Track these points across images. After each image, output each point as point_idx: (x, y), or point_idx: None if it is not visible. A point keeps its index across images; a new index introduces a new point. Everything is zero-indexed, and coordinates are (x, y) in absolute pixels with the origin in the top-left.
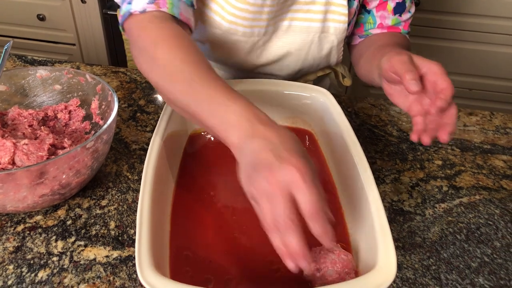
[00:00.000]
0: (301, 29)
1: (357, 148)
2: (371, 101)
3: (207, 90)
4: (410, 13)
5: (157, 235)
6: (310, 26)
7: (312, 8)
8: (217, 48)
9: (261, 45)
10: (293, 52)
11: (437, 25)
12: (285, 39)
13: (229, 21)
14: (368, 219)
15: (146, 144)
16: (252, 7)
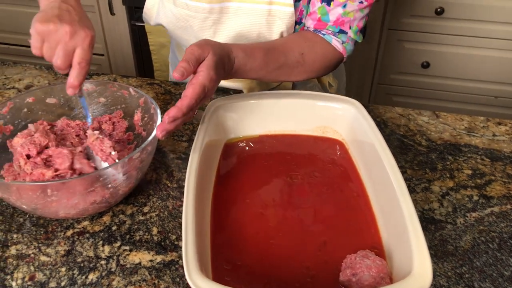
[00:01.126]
0: (248, 11)
1: (389, 157)
2: (399, 111)
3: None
4: (344, 8)
5: (200, 241)
6: (257, 8)
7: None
8: (173, 28)
9: (211, 25)
10: (244, 34)
11: (463, 33)
12: (235, 22)
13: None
14: (402, 226)
15: (183, 153)
16: None
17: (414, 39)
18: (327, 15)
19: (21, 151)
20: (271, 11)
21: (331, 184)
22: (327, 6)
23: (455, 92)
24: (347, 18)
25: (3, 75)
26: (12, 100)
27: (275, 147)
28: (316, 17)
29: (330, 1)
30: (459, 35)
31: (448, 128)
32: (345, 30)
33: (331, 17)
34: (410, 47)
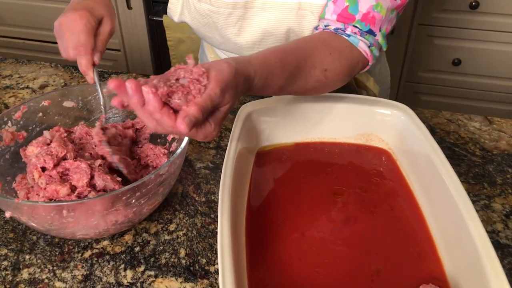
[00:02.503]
0: (275, 5)
1: (450, 171)
2: (447, 116)
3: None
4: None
5: (237, 273)
6: (286, 2)
7: None
8: (197, 25)
9: (236, 21)
10: (271, 31)
11: (498, 29)
12: (261, 18)
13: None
14: (472, 254)
15: (210, 162)
16: None
17: (445, 35)
18: (357, 5)
19: (35, 162)
20: (301, 5)
21: (380, 201)
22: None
23: (488, 91)
24: (378, 15)
25: (17, 73)
26: (26, 104)
27: (313, 157)
28: (342, 5)
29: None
30: (494, 30)
31: (504, 135)
32: (374, 30)
33: (361, 8)
34: (440, 43)
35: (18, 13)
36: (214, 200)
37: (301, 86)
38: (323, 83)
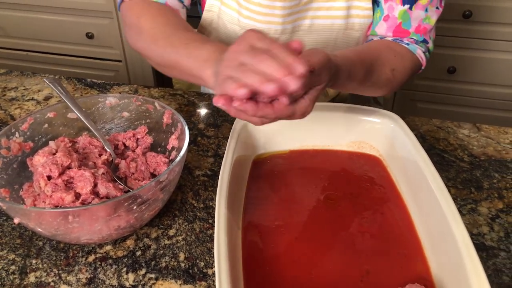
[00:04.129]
0: (324, 28)
1: (436, 177)
2: (437, 123)
3: (184, 41)
4: (426, 12)
5: (233, 275)
6: (334, 24)
7: (334, 5)
8: None
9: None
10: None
11: (491, 37)
12: (308, 39)
13: (245, 16)
14: (455, 255)
15: (209, 170)
16: (264, 1)
17: (440, 44)
18: (409, 21)
19: (42, 171)
20: (348, 25)
21: (371, 206)
22: (409, 10)
23: (483, 98)
24: (428, 25)
25: (22, 85)
26: (33, 116)
27: (307, 164)
28: (395, 23)
29: (413, 4)
30: (487, 39)
31: (492, 142)
32: (427, 39)
33: (413, 23)
34: (435, 51)
35: (21, 25)
36: (212, 206)
37: (375, 83)
38: (391, 81)
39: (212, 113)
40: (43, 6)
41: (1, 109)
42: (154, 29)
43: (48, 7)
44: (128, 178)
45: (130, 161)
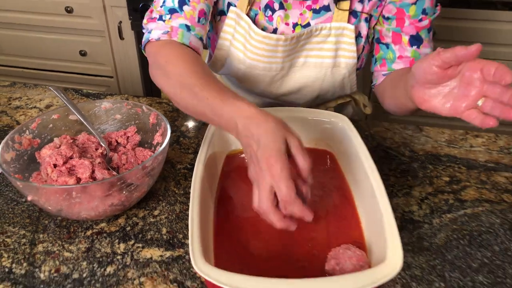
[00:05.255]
0: (315, 65)
1: (371, 164)
2: (386, 125)
3: (208, 93)
4: (431, 49)
5: (204, 235)
6: (323, 62)
7: (324, 47)
8: (243, 81)
9: (280, 78)
10: (309, 84)
11: None
12: (301, 73)
13: (250, 58)
14: (380, 223)
15: (189, 164)
16: (268, 46)
17: None
18: (419, 56)
19: (49, 160)
20: (335, 63)
21: (322, 189)
22: (418, 49)
23: None
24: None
25: (26, 96)
26: (40, 117)
27: None
28: (409, 59)
29: (420, 45)
30: None
31: (430, 140)
32: None
33: (422, 56)
34: None
35: (18, 44)
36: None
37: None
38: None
39: (192, 118)
40: (39, 26)
41: (8, 116)
42: (182, 76)
43: (44, 27)
44: (120, 168)
45: (122, 154)
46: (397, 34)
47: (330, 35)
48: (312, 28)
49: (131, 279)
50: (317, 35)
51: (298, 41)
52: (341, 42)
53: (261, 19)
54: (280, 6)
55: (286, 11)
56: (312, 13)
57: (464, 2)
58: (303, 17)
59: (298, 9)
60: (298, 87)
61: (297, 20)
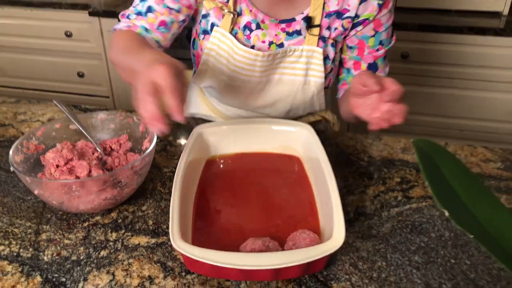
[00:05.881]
0: (288, 82)
1: (328, 166)
2: (350, 135)
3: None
4: (385, 73)
5: (182, 221)
6: (296, 80)
7: (296, 66)
8: (224, 93)
9: (257, 92)
10: (282, 98)
11: (427, 74)
12: (276, 89)
13: (232, 70)
14: (331, 211)
15: (174, 168)
16: (248, 60)
17: None
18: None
19: (52, 162)
20: (306, 81)
21: (288, 187)
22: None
23: (424, 126)
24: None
25: (30, 111)
26: (44, 126)
27: (247, 162)
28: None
29: (375, 72)
30: (423, 75)
31: (388, 147)
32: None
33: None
34: None
35: (18, 66)
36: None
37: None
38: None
39: (179, 129)
40: (40, 49)
41: (14, 128)
42: (119, 43)
43: (45, 50)
44: (113, 170)
45: (115, 158)
46: (357, 61)
47: (302, 56)
48: (286, 49)
49: (121, 261)
50: (290, 56)
51: (274, 58)
52: (311, 63)
53: (241, 37)
54: (257, 27)
55: (263, 30)
56: (285, 35)
57: (434, 27)
58: (277, 37)
59: (274, 30)
60: (273, 101)
61: (273, 39)
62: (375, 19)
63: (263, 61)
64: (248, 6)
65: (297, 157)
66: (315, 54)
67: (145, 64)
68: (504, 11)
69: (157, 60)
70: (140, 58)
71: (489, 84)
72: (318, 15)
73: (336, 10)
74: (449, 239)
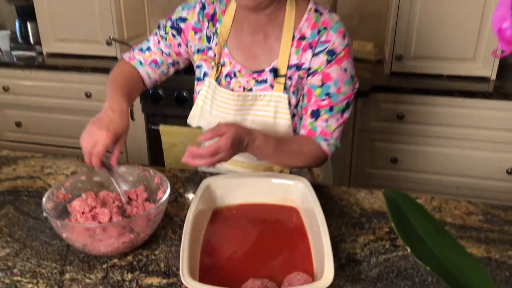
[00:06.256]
0: (260, 123)
1: (321, 216)
2: (344, 189)
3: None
4: (326, 122)
5: (191, 261)
6: (267, 121)
7: (266, 109)
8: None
9: None
10: None
11: (422, 134)
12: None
13: (216, 110)
14: (323, 256)
15: (184, 217)
16: (226, 100)
17: (383, 139)
18: (316, 128)
19: (78, 209)
20: (275, 122)
21: (286, 234)
22: (315, 121)
23: (422, 183)
24: (329, 130)
25: (55, 164)
26: (71, 178)
27: (250, 212)
28: (308, 129)
29: (317, 118)
30: (419, 135)
31: (378, 201)
32: (328, 138)
33: (318, 129)
34: (380, 145)
35: (40, 124)
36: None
37: (286, 151)
38: (300, 153)
39: (189, 182)
40: (61, 108)
41: (41, 180)
42: (115, 70)
43: (65, 109)
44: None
45: (133, 207)
46: (305, 107)
47: (271, 100)
48: (257, 94)
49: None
50: (261, 100)
51: (245, 100)
52: (279, 107)
53: (223, 83)
54: (234, 75)
55: (239, 78)
56: (255, 82)
57: (427, 90)
58: (248, 83)
59: (247, 78)
60: None
61: (245, 85)
62: (323, 71)
63: (236, 100)
64: (229, 59)
65: (295, 207)
66: (281, 99)
67: (102, 112)
68: (491, 76)
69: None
70: (108, 100)
71: (481, 143)
72: (283, 67)
73: (296, 63)
74: (431, 284)
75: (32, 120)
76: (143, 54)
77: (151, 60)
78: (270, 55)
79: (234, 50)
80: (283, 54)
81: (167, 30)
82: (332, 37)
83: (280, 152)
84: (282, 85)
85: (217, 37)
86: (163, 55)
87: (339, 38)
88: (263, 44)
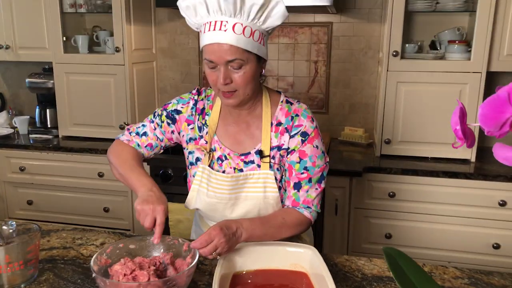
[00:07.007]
0: (252, 198)
1: (330, 279)
2: (346, 257)
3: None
4: (307, 192)
5: None
6: (258, 196)
7: (257, 186)
8: (207, 210)
9: (230, 206)
10: (250, 210)
11: (413, 211)
12: (245, 204)
13: (211, 191)
14: None
15: (206, 282)
16: (219, 181)
17: (376, 216)
18: (299, 198)
19: (120, 271)
20: (265, 197)
21: None
22: (298, 192)
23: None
24: (310, 199)
25: (85, 236)
26: (111, 245)
27: (265, 277)
28: (292, 199)
29: (299, 189)
30: (409, 212)
31: (377, 267)
32: (310, 206)
33: (301, 198)
34: (374, 222)
35: (50, 201)
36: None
37: (272, 225)
38: (284, 224)
39: None
40: (73, 187)
41: (74, 250)
42: (122, 153)
43: (77, 188)
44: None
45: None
46: (288, 181)
47: (259, 178)
48: (247, 174)
49: None
50: (251, 178)
51: (238, 180)
52: (267, 183)
53: (215, 166)
54: (225, 158)
55: (229, 160)
56: (243, 163)
57: (414, 171)
58: (238, 165)
59: (236, 160)
60: (244, 212)
61: (235, 166)
62: (299, 149)
63: (230, 181)
64: (219, 145)
65: (305, 273)
66: (268, 176)
67: (145, 193)
68: (471, 159)
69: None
70: (138, 183)
71: (468, 220)
72: (267, 149)
73: (277, 145)
74: None
75: (43, 199)
76: (140, 138)
77: (147, 143)
78: (253, 140)
79: (222, 137)
80: (265, 138)
81: (162, 119)
82: (303, 122)
83: (268, 227)
84: (268, 164)
85: (207, 127)
86: (157, 140)
87: (309, 122)
88: (247, 131)
